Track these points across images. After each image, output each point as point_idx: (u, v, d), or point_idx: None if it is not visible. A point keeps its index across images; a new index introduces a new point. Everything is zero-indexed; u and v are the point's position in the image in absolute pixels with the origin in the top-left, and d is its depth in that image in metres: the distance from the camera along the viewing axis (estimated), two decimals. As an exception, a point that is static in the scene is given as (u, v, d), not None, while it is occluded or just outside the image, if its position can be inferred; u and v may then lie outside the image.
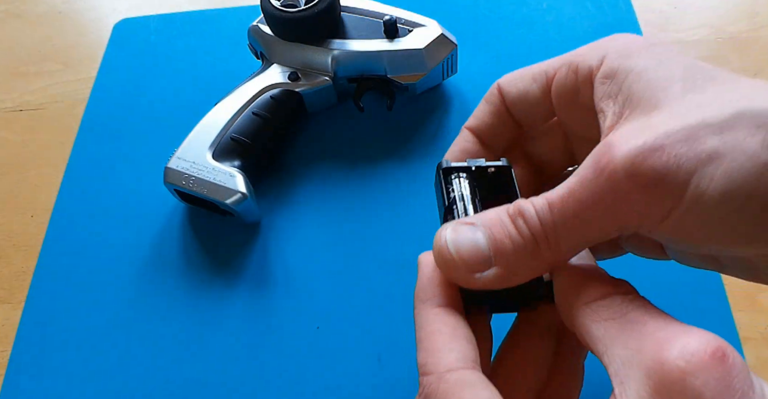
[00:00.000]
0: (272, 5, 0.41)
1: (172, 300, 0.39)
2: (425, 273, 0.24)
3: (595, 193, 0.20)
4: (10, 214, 0.44)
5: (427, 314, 0.22)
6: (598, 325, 0.20)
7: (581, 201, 0.20)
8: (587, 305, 0.21)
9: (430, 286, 0.23)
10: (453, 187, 0.26)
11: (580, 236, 0.21)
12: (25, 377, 0.37)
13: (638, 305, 0.20)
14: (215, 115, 0.41)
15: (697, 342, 0.18)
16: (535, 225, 0.21)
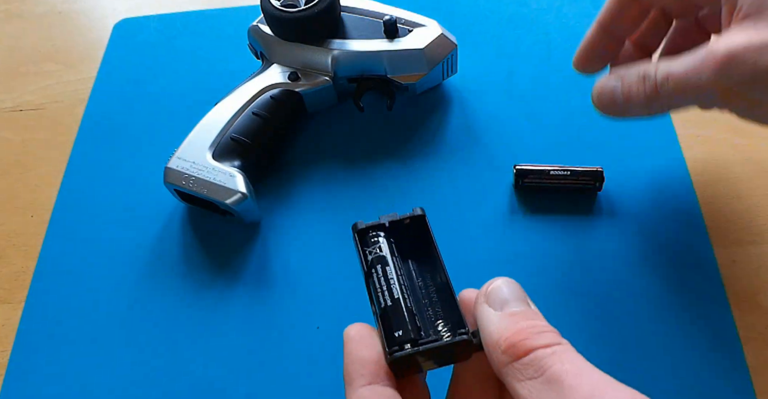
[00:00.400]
0: (272, 5, 0.41)
1: (172, 300, 0.39)
2: (350, 350, 0.24)
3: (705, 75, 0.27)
4: (10, 214, 0.44)
5: (353, 396, 0.23)
6: (522, 384, 0.20)
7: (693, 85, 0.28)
8: (510, 365, 0.21)
9: (353, 367, 0.23)
10: (370, 248, 0.26)
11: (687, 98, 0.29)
12: (25, 377, 0.37)
13: (559, 360, 0.20)
14: (215, 115, 0.41)
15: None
16: (652, 86, 0.29)
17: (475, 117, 0.45)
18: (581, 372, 0.20)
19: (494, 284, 0.24)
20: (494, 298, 0.23)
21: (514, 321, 0.22)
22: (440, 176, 0.42)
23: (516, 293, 0.23)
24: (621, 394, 0.19)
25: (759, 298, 0.37)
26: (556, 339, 0.21)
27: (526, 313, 0.22)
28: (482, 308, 0.23)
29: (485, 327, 0.22)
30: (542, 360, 0.20)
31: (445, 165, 0.43)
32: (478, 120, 0.45)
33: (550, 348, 0.20)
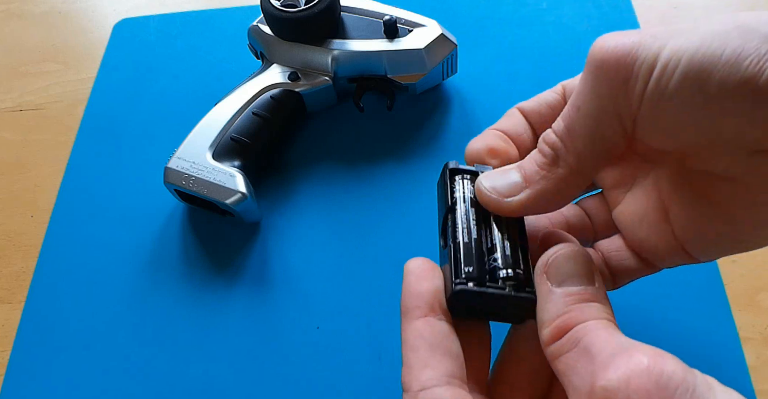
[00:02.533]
0: (272, 5, 0.41)
1: (172, 300, 0.39)
2: (409, 282, 0.23)
3: (587, 83, 0.22)
4: (10, 214, 0.44)
5: (407, 330, 0.22)
6: (559, 360, 0.20)
7: (579, 94, 0.22)
8: (552, 344, 0.21)
9: (410, 298, 0.23)
10: (457, 188, 0.26)
11: (588, 131, 0.22)
12: (25, 377, 0.37)
13: (593, 330, 0.20)
14: (215, 115, 0.41)
15: (625, 361, 0.18)
16: (551, 138, 0.23)
17: (475, 117, 0.45)
18: (608, 338, 0.20)
19: (557, 255, 0.22)
20: (554, 272, 0.22)
21: (566, 302, 0.21)
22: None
23: (578, 268, 0.22)
24: (643, 351, 0.19)
25: (759, 298, 0.37)
26: (602, 314, 0.21)
27: (583, 294, 0.21)
28: (540, 280, 0.22)
29: (540, 302, 0.22)
30: (578, 332, 0.20)
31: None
32: (478, 120, 0.45)
33: (589, 322, 0.20)
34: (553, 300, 0.21)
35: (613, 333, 0.20)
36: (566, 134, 0.22)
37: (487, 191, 0.24)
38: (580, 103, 0.22)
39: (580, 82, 0.22)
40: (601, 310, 0.21)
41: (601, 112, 0.21)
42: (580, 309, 0.21)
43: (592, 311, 0.21)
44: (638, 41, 0.20)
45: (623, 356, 0.18)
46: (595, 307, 0.21)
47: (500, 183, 0.24)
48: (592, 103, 0.22)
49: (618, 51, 0.21)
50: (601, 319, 0.21)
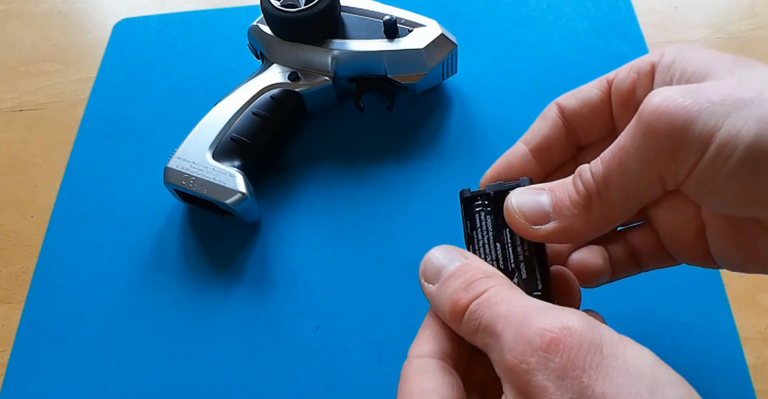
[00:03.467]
0: (272, 5, 0.41)
1: (172, 300, 0.39)
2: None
3: (634, 140, 0.21)
4: (10, 214, 0.44)
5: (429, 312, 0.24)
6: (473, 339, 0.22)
7: (624, 149, 0.21)
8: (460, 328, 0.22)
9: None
10: (474, 219, 0.27)
11: (626, 186, 0.22)
12: (25, 377, 0.37)
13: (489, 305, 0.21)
14: (215, 115, 0.41)
15: (526, 334, 0.19)
16: (588, 179, 0.22)
17: (475, 117, 0.45)
18: (510, 310, 0.20)
19: (425, 257, 0.24)
20: (429, 273, 0.24)
21: (447, 286, 0.22)
22: (440, 176, 0.42)
23: (446, 256, 0.23)
24: (542, 318, 0.19)
25: (759, 298, 0.37)
26: (484, 284, 0.22)
27: (457, 271, 0.23)
28: (423, 287, 0.24)
29: (432, 304, 0.23)
30: (475, 313, 0.21)
31: (445, 165, 0.43)
32: (478, 120, 0.45)
33: (479, 298, 0.21)
34: (439, 292, 0.23)
35: (508, 301, 0.21)
36: (603, 183, 0.22)
37: (515, 214, 0.24)
38: (623, 158, 0.21)
39: (627, 133, 0.21)
40: (481, 274, 0.22)
41: (642, 175, 0.21)
42: (460, 287, 0.22)
43: (473, 283, 0.22)
44: (696, 112, 0.20)
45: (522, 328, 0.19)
46: (473, 275, 0.22)
47: (529, 207, 0.24)
48: (635, 163, 0.21)
49: (672, 119, 0.20)
50: (487, 289, 0.21)
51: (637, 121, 0.21)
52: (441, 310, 0.23)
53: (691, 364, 0.34)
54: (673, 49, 0.24)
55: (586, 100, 0.27)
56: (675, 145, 0.20)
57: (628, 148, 0.21)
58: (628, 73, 0.26)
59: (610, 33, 0.48)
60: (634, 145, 0.21)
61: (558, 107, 0.28)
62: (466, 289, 0.22)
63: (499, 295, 0.21)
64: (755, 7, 0.50)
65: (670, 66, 0.24)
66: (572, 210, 0.23)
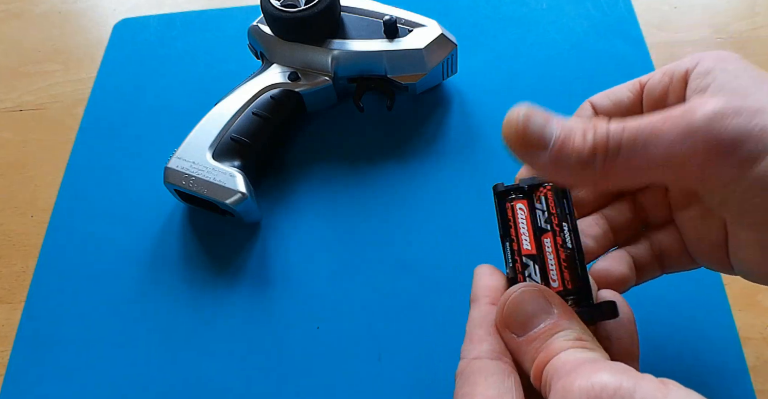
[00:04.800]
0: (272, 5, 0.41)
1: (172, 300, 0.39)
2: (478, 279, 0.26)
3: (671, 132, 0.20)
4: (10, 214, 0.44)
5: (474, 311, 0.25)
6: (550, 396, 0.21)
7: (656, 134, 0.20)
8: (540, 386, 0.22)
9: (480, 290, 0.26)
10: (506, 213, 0.27)
11: (635, 166, 0.21)
12: (25, 377, 0.37)
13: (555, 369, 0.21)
14: (215, 115, 0.41)
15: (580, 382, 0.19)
16: (602, 137, 0.21)
17: (475, 117, 0.45)
18: (572, 370, 0.20)
19: (513, 300, 0.23)
20: (514, 322, 0.23)
21: (535, 348, 0.22)
22: (440, 176, 0.42)
23: (531, 308, 0.23)
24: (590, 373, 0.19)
25: (759, 298, 0.37)
26: (565, 345, 0.22)
27: (544, 333, 0.22)
28: (506, 336, 0.24)
29: (517, 357, 0.23)
30: (547, 375, 0.21)
31: (445, 165, 0.43)
32: (478, 120, 0.45)
33: (551, 362, 0.21)
34: (523, 351, 0.23)
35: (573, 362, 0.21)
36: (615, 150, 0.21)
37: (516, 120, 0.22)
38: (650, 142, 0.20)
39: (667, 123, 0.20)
40: (561, 339, 0.22)
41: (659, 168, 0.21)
42: (545, 348, 0.22)
43: (554, 346, 0.22)
44: (747, 133, 0.20)
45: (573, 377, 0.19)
46: (557, 338, 0.22)
47: (534, 129, 0.22)
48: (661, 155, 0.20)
49: (724, 133, 0.20)
50: (562, 350, 0.21)
51: (682, 117, 0.20)
52: (526, 367, 0.23)
53: (691, 364, 0.34)
54: (710, 57, 0.24)
55: (618, 101, 0.27)
56: (715, 159, 0.20)
57: (661, 136, 0.20)
58: (662, 77, 0.26)
59: (610, 33, 0.48)
60: (669, 138, 0.20)
61: (592, 106, 0.28)
62: (546, 350, 0.22)
63: (567, 359, 0.21)
64: (755, 7, 0.50)
65: (706, 75, 0.24)
66: (570, 157, 0.21)
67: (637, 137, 0.21)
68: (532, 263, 0.25)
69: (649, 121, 0.21)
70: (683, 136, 0.20)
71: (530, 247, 0.26)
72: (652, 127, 0.21)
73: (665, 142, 0.20)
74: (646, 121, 0.21)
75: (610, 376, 0.19)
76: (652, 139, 0.21)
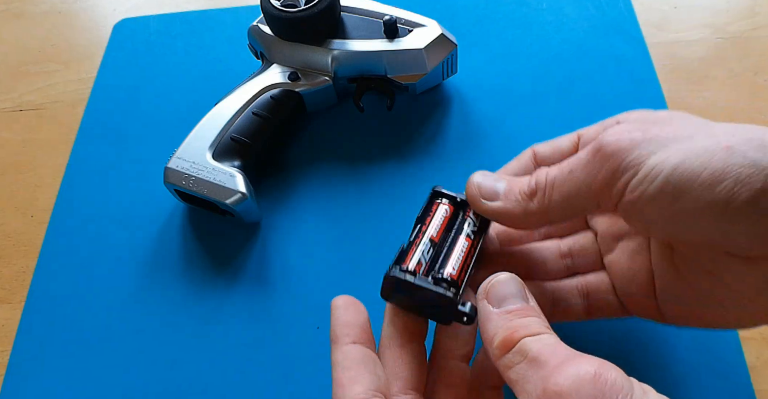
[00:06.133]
0: (272, 5, 0.41)
1: (172, 300, 0.39)
2: (335, 316, 0.27)
3: (586, 155, 0.25)
4: (10, 214, 0.44)
5: (337, 353, 0.26)
6: (511, 370, 0.22)
7: (576, 160, 0.25)
8: (503, 357, 0.23)
9: (339, 328, 0.27)
10: (432, 209, 0.30)
11: (568, 190, 0.25)
12: (25, 377, 0.37)
13: (540, 343, 0.22)
14: (215, 115, 0.41)
15: (574, 368, 0.20)
16: (540, 178, 0.27)
17: (475, 117, 0.45)
18: (555, 349, 0.22)
19: (494, 281, 0.25)
20: (493, 295, 0.24)
21: (508, 318, 0.23)
22: (440, 176, 0.42)
23: (514, 289, 0.24)
24: (589, 361, 0.20)
25: (759, 298, 0.37)
26: (543, 329, 0.23)
27: (521, 310, 0.24)
28: (482, 305, 0.24)
29: (483, 323, 0.24)
30: (526, 345, 0.22)
31: (445, 165, 0.43)
32: (478, 120, 0.45)
33: (535, 336, 0.22)
34: (495, 319, 0.24)
35: (558, 344, 0.22)
36: (551, 183, 0.26)
37: (472, 185, 0.29)
38: (574, 168, 0.26)
39: (583, 151, 0.25)
40: (540, 324, 0.23)
41: (584, 185, 0.25)
42: (521, 324, 0.23)
43: (532, 326, 0.23)
44: (638, 141, 0.24)
45: (571, 364, 0.20)
46: (534, 321, 0.23)
47: (486, 184, 0.28)
48: (581, 173, 0.25)
49: (616, 145, 0.24)
50: (542, 333, 0.23)
51: (593, 143, 0.25)
52: (490, 333, 0.23)
53: (691, 365, 0.34)
54: (640, 111, 0.28)
55: (558, 148, 0.31)
56: (615, 164, 0.24)
57: (580, 160, 0.25)
58: (597, 128, 0.29)
59: (610, 33, 0.48)
60: (585, 158, 0.25)
61: (533, 152, 0.32)
62: (525, 327, 0.23)
63: (550, 340, 0.22)
64: (755, 7, 0.50)
65: (634, 120, 0.27)
66: (518, 196, 0.27)
67: (564, 170, 0.26)
68: (430, 245, 0.28)
69: (574, 156, 0.26)
70: (593, 156, 0.25)
71: (436, 235, 0.28)
72: (575, 158, 0.26)
73: (583, 165, 0.25)
74: (572, 157, 0.26)
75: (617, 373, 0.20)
76: (575, 168, 0.25)
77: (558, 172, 0.26)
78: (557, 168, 0.26)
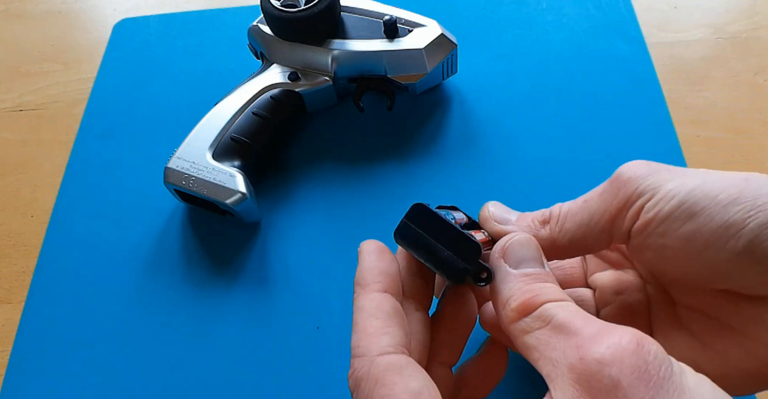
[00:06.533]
0: (272, 5, 0.41)
1: (172, 300, 0.39)
2: (367, 260, 0.25)
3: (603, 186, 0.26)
4: (10, 214, 0.44)
5: (365, 299, 0.24)
6: (529, 335, 0.21)
7: (592, 192, 0.26)
8: (519, 320, 0.22)
9: (370, 273, 0.24)
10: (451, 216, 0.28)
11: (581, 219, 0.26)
12: (25, 377, 0.37)
13: (564, 309, 0.21)
14: (215, 115, 0.41)
15: (614, 337, 0.19)
16: (557, 208, 0.27)
17: (475, 117, 0.45)
18: (586, 318, 0.20)
19: (513, 240, 0.24)
20: (511, 255, 0.23)
21: (527, 281, 0.22)
22: (440, 176, 0.42)
23: (533, 253, 0.24)
24: (629, 331, 0.19)
25: (759, 298, 0.36)
26: (564, 296, 0.22)
27: (539, 274, 0.23)
28: (498, 263, 0.23)
29: (499, 283, 0.23)
30: (548, 311, 0.21)
31: (445, 165, 0.43)
32: (478, 120, 0.45)
33: (557, 302, 0.21)
34: (513, 280, 0.23)
35: (586, 313, 0.21)
36: (565, 213, 0.26)
37: (486, 211, 0.29)
38: (589, 198, 0.26)
39: (601, 185, 0.26)
40: (559, 291, 0.22)
41: (597, 212, 0.25)
42: (541, 288, 0.22)
43: (552, 291, 0.22)
44: (654, 169, 0.24)
45: (610, 334, 0.19)
46: (553, 288, 0.22)
47: (499, 212, 0.28)
48: (596, 202, 0.25)
49: (633, 172, 0.25)
50: (564, 300, 0.22)
51: (610, 177, 0.26)
52: (505, 294, 0.22)
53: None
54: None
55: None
56: (631, 189, 0.24)
57: (595, 191, 0.26)
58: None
59: (610, 33, 0.48)
60: (601, 188, 0.26)
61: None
62: (548, 290, 0.22)
63: (576, 308, 0.21)
64: (755, 7, 0.50)
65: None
66: (530, 224, 0.27)
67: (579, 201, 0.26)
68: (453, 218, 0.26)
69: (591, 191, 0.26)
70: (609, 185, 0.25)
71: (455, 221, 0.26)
72: (591, 192, 0.26)
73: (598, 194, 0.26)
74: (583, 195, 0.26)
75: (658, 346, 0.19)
76: (590, 197, 0.26)
77: (573, 204, 0.26)
78: (572, 201, 0.27)
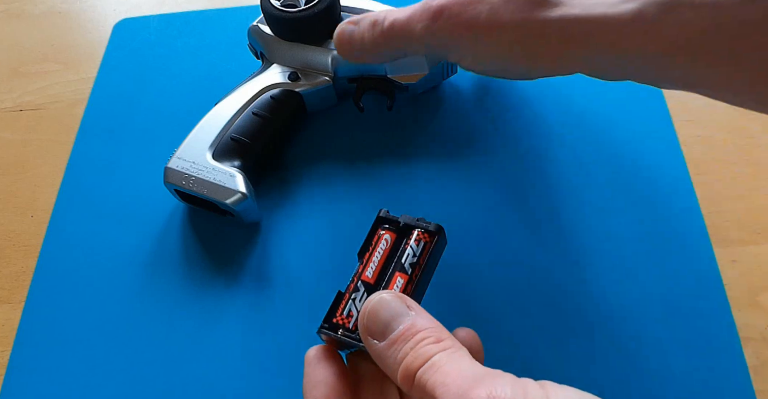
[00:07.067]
0: (272, 5, 0.41)
1: (172, 300, 0.39)
2: (310, 371, 0.27)
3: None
4: (10, 214, 0.44)
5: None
6: None
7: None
8: (410, 392, 0.22)
9: (314, 386, 0.26)
10: (373, 241, 0.29)
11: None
12: (25, 377, 0.37)
13: (435, 371, 0.21)
14: (215, 115, 0.41)
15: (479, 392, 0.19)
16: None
17: (475, 117, 0.45)
18: (446, 379, 0.20)
19: (369, 310, 0.24)
20: (374, 328, 0.23)
21: (396, 350, 0.22)
22: (440, 176, 0.42)
23: (390, 310, 0.23)
24: (478, 384, 0.20)
25: (759, 298, 0.37)
26: (431, 351, 0.22)
27: (406, 332, 0.23)
28: (369, 344, 0.24)
29: (377, 362, 0.23)
30: (422, 378, 0.21)
31: (445, 165, 0.43)
32: (478, 120, 0.45)
33: (426, 363, 0.21)
34: (385, 355, 0.23)
35: (448, 366, 0.21)
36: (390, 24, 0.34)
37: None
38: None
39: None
40: (427, 341, 0.22)
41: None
42: (411, 354, 0.22)
43: (420, 350, 0.22)
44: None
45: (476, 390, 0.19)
46: (420, 338, 0.22)
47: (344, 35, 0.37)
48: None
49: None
50: (431, 355, 0.21)
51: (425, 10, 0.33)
52: (391, 370, 0.22)
53: (691, 364, 0.34)
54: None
55: None
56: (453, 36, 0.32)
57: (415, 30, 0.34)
58: None
59: (610, 33, 0.48)
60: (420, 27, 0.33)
61: None
62: (414, 354, 0.22)
63: (442, 362, 0.21)
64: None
65: None
66: (369, 45, 0.36)
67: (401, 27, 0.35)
68: (364, 290, 0.28)
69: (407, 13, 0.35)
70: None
71: (371, 276, 0.28)
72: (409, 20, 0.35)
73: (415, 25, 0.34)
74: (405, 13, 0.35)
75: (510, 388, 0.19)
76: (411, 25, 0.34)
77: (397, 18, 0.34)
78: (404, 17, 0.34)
